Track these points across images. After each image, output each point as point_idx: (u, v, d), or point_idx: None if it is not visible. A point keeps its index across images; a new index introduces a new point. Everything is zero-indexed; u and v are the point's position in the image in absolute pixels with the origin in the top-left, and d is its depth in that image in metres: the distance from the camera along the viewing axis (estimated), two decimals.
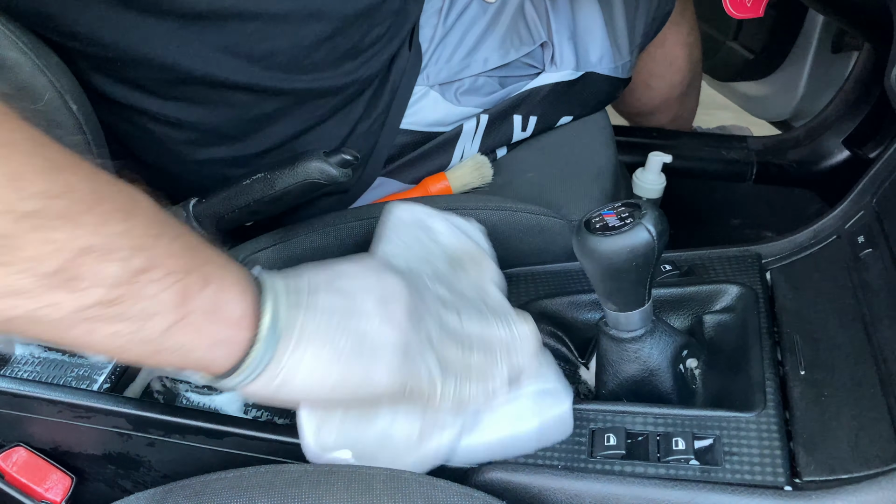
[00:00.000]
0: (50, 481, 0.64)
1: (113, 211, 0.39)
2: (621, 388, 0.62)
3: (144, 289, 0.40)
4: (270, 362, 0.45)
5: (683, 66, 1.26)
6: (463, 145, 0.93)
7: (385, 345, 0.48)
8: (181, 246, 0.42)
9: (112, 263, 0.38)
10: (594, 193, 0.92)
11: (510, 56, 0.93)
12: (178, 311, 0.41)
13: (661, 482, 0.54)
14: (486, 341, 0.53)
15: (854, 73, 1.22)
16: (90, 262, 0.37)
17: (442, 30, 0.92)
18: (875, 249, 0.63)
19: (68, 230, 0.36)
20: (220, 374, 0.46)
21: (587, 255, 0.55)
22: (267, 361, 0.45)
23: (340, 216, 0.84)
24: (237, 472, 0.56)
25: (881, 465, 0.51)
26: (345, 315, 0.47)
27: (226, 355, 0.45)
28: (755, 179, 1.27)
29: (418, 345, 0.49)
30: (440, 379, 0.50)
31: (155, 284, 0.40)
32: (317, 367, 0.46)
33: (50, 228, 0.36)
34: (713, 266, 0.71)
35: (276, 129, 0.81)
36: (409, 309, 0.49)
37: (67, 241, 0.36)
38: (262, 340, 0.45)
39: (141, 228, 0.40)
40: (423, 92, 0.90)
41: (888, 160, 0.69)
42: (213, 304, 0.43)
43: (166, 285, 0.40)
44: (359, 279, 0.50)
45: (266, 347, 0.45)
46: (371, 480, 0.54)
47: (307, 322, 0.46)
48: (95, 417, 0.62)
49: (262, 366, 0.45)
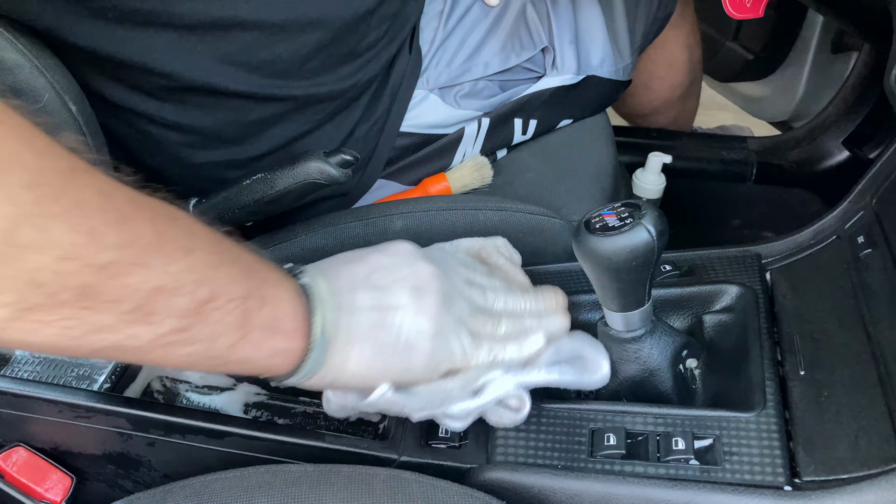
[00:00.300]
0: (50, 481, 0.64)
1: (175, 251, 0.43)
2: (621, 387, 0.62)
3: (210, 316, 0.45)
4: (322, 364, 0.51)
5: (684, 68, 1.25)
6: (464, 149, 0.93)
7: (420, 334, 0.53)
8: (239, 271, 0.47)
9: (180, 297, 0.43)
10: (594, 194, 0.92)
11: (511, 61, 0.93)
12: (240, 331, 0.47)
13: (661, 482, 0.54)
14: (515, 313, 0.58)
15: (854, 73, 1.22)
16: (161, 298, 0.42)
17: (443, 33, 0.92)
18: (875, 250, 0.63)
19: (140, 274, 0.41)
20: (280, 375, 0.52)
21: (587, 256, 0.55)
22: (320, 364, 0.51)
23: (340, 216, 0.84)
24: (237, 472, 0.56)
25: (881, 465, 0.51)
26: (382, 310, 0.52)
27: (284, 363, 0.50)
28: (755, 180, 1.27)
29: (451, 326, 0.54)
30: (473, 351, 0.55)
31: (218, 311, 0.45)
32: (361, 362, 0.52)
33: (125, 274, 0.41)
34: (713, 266, 0.71)
35: (275, 132, 0.81)
36: (440, 294, 0.54)
37: (140, 283, 0.41)
38: (315, 349, 0.50)
39: (202, 262, 0.45)
40: (422, 95, 0.90)
41: (888, 160, 0.69)
42: (270, 321, 0.48)
43: (228, 311, 0.46)
44: (393, 271, 0.54)
45: (318, 354, 0.51)
46: (371, 480, 0.54)
47: (351, 324, 0.51)
48: (95, 417, 0.62)
49: (315, 368, 0.51)
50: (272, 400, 0.74)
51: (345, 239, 0.82)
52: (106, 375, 0.68)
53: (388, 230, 0.82)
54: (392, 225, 0.82)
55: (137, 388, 0.72)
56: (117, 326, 0.42)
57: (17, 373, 0.68)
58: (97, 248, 0.39)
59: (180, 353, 0.45)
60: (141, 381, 0.72)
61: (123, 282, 0.41)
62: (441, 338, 0.53)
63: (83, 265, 0.39)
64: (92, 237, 0.39)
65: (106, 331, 0.41)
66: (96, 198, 0.40)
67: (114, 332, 0.42)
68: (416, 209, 0.83)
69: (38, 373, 0.69)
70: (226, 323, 0.46)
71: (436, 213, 0.83)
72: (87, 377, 0.69)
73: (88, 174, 0.40)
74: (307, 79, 0.79)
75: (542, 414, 0.61)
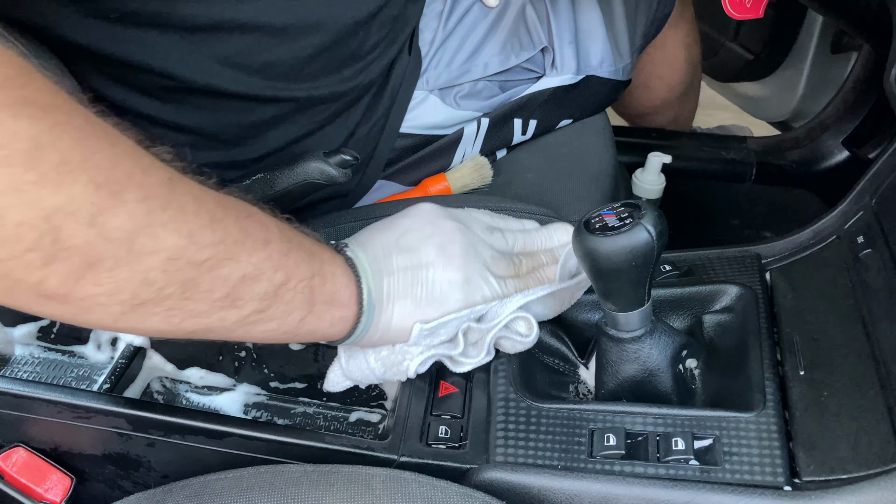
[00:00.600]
0: (50, 482, 0.64)
1: (256, 243, 0.49)
2: (621, 388, 0.62)
3: (285, 296, 0.52)
4: (371, 325, 0.59)
5: (683, 67, 1.25)
6: (464, 149, 0.93)
7: (451, 284, 0.60)
8: (304, 255, 0.54)
9: (261, 283, 0.50)
10: (594, 194, 0.92)
11: (510, 62, 0.93)
12: (308, 306, 0.54)
13: (661, 482, 0.54)
14: (530, 251, 0.67)
15: (853, 73, 1.22)
16: (246, 285, 0.49)
17: (442, 34, 0.92)
18: (874, 250, 0.63)
19: (230, 266, 0.48)
20: (338, 339, 0.59)
21: (587, 256, 0.55)
22: (370, 325, 0.59)
23: (340, 216, 0.84)
24: (237, 472, 0.56)
25: (881, 465, 0.51)
26: (415, 268, 0.60)
27: (341, 329, 0.58)
28: (755, 180, 1.27)
29: (477, 272, 0.61)
30: (500, 290, 0.62)
31: (291, 292, 0.52)
32: (404, 316, 0.59)
33: (218, 268, 0.47)
34: (713, 266, 0.71)
35: (274, 134, 0.81)
36: (463, 245, 0.61)
37: (230, 274, 0.48)
38: (365, 313, 0.58)
39: (277, 251, 0.51)
40: (422, 96, 0.90)
41: (887, 160, 0.69)
42: (330, 295, 0.55)
43: (300, 290, 0.53)
44: (419, 231, 0.62)
45: (368, 317, 0.58)
46: (371, 480, 0.54)
47: (390, 285, 0.59)
48: (95, 418, 0.62)
49: (366, 329, 0.59)
50: (272, 400, 0.74)
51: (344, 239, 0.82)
52: (105, 376, 0.68)
53: None
54: None
55: (137, 389, 0.72)
56: (210, 311, 0.48)
57: (16, 373, 0.68)
58: (196, 247, 0.45)
59: (260, 330, 0.52)
60: (140, 382, 0.72)
61: (217, 274, 0.47)
62: (470, 284, 0.61)
63: (186, 263, 0.45)
64: (192, 238, 0.45)
65: (201, 316, 0.48)
66: (192, 203, 0.46)
67: (207, 317, 0.48)
68: None
69: (38, 373, 0.69)
70: (297, 301, 0.53)
71: None
72: (87, 377, 0.69)
73: (183, 182, 0.46)
74: (308, 81, 0.79)
75: (542, 414, 0.61)
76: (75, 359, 0.70)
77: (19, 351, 0.70)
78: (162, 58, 0.70)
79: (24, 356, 0.70)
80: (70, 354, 0.71)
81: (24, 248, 0.39)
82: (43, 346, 0.71)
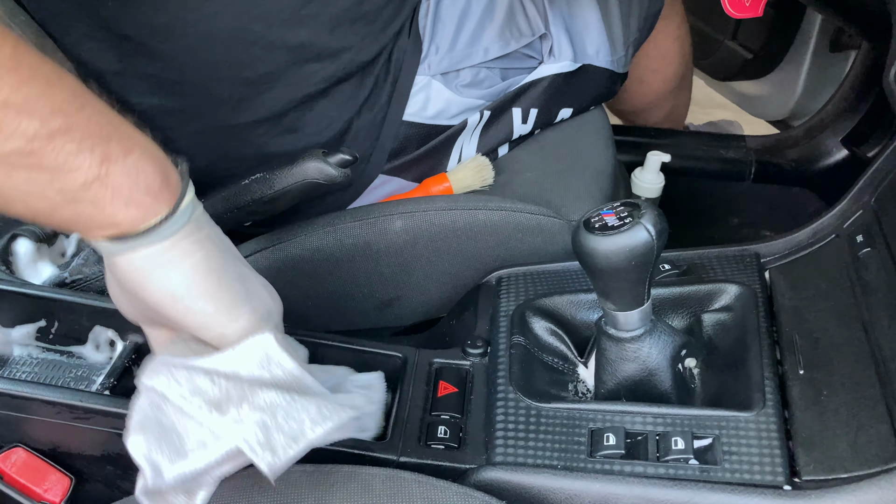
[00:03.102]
0: (49, 482, 0.64)
1: (33, 77, 0.43)
2: (620, 387, 0.62)
3: (63, 147, 0.44)
4: (174, 234, 0.49)
5: (676, 60, 1.26)
6: (462, 141, 0.94)
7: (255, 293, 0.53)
8: (103, 120, 0.47)
9: (30, 120, 0.43)
10: (593, 193, 0.92)
11: (511, 46, 0.94)
12: (97, 169, 0.46)
13: (661, 482, 0.54)
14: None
15: (852, 71, 1.22)
16: (9, 116, 0.42)
17: (432, 8, 0.92)
18: (874, 248, 0.63)
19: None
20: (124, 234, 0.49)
21: (586, 255, 0.55)
22: (173, 233, 0.49)
23: (340, 217, 0.84)
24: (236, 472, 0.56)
25: (880, 464, 0.51)
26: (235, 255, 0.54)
27: (137, 217, 0.48)
28: (754, 178, 1.27)
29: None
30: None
31: (73, 144, 0.45)
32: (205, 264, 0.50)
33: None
34: (712, 265, 0.71)
35: (270, 96, 0.81)
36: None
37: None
38: (179, 213, 0.49)
39: (62, 96, 0.45)
40: (425, 82, 0.91)
41: (887, 159, 0.69)
42: (134, 170, 0.47)
43: (85, 147, 0.45)
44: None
45: (177, 221, 0.49)
46: (370, 480, 0.54)
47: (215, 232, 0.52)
48: (94, 418, 0.62)
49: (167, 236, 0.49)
50: None
51: (344, 239, 0.82)
52: (104, 376, 0.68)
53: (388, 230, 0.82)
54: (392, 225, 0.82)
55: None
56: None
57: (14, 374, 0.68)
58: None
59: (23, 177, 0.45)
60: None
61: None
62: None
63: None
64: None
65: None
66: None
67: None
68: (416, 209, 0.83)
69: (37, 374, 0.68)
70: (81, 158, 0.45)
71: (436, 213, 0.83)
72: (86, 378, 0.69)
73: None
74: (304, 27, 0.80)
75: (542, 414, 0.61)
76: (74, 359, 0.70)
77: (17, 351, 0.70)
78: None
79: (23, 357, 0.70)
80: (68, 355, 0.71)
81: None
82: (41, 347, 0.70)
